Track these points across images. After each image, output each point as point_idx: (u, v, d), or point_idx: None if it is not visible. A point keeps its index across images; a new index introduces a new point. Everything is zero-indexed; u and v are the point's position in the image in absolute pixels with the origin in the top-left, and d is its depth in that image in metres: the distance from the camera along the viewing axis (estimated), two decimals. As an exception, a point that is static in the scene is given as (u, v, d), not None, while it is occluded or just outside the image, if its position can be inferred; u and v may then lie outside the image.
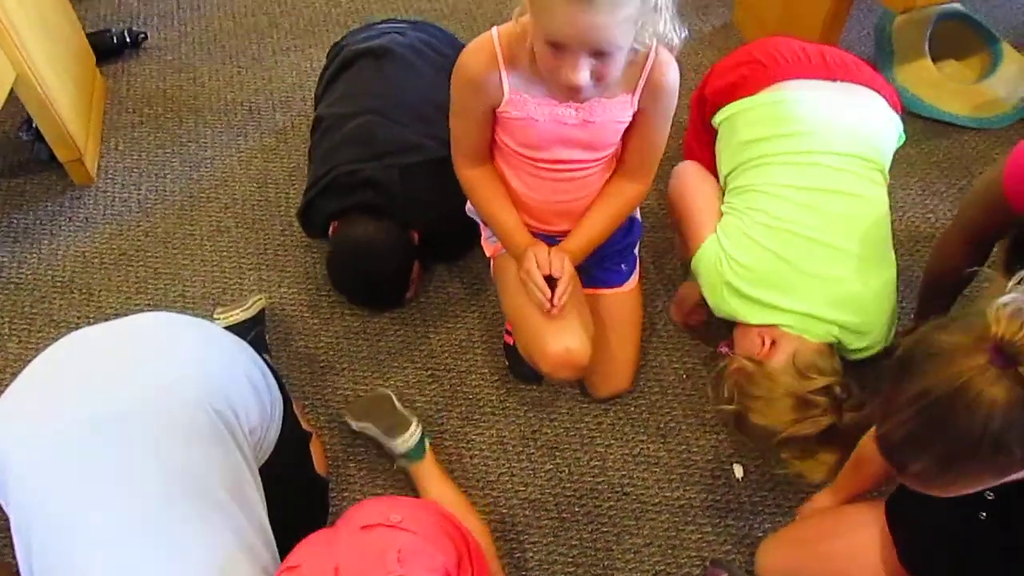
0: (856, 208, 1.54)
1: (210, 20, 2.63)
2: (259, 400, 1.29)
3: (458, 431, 1.68)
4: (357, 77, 1.93)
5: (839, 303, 1.50)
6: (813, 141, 1.56)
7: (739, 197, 1.60)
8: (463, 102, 1.41)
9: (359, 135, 1.79)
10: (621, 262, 1.69)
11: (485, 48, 1.34)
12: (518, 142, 1.42)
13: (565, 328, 1.50)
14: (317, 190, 1.77)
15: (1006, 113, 2.28)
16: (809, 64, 1.66)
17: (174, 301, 1.89)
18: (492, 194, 1.51)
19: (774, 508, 1.58)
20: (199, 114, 2.33)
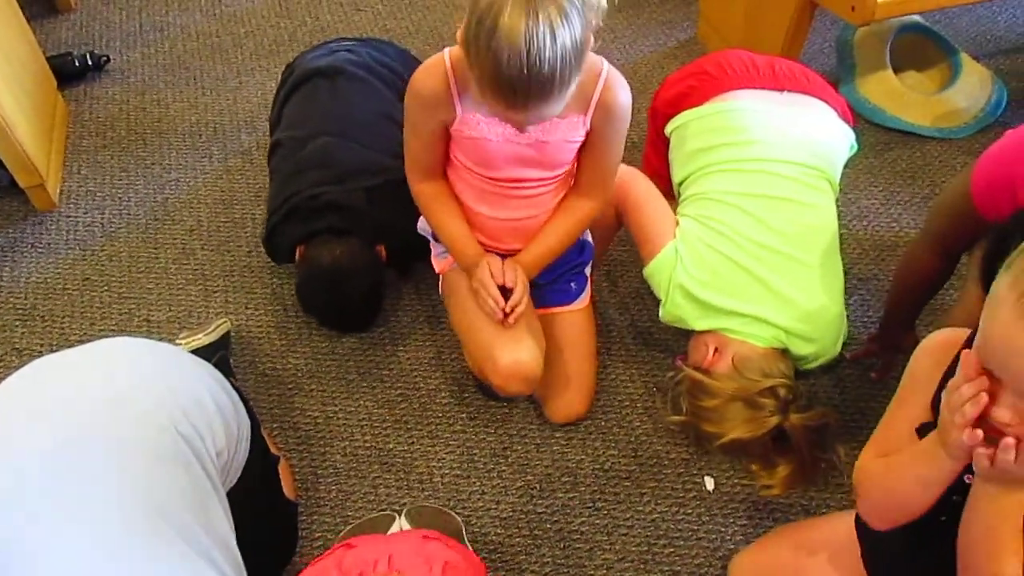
0: (804, 216, 1.57)
1: (173, 42, 2.61)
2: (225, 423, 1.27)
3: (428, 450, 1.67)
4: (311, 98, 1.90)
5: (786, 308, 1.52)
6: (760, 149, 1.59)
7: (692, 205, 1.62)
8: (416, 120, 1.42)
9: (319, 158, 1.77)
10: (571, 281, 1.69)
11: (437, 68, 1.34)
12: (472, 160, 1.43)
13: (515, 340, 1.50)
14: (280, 216, 1.75)
15: (967, 123, 2.31)
16: (758, 75, 1.68)
17: (139, 326, 1.87)
18: (444, 207, 1.52)
19: (745, 520, 1.57)
20: (163, 136, 2.31)
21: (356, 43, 2.08)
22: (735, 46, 2.25)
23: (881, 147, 2.26)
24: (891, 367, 1.75)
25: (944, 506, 1.01)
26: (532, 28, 1.11)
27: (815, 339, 1.53)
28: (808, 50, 2.48)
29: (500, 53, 1.12)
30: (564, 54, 1.14)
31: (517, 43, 1.11)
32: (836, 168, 1.63)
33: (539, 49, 1.11)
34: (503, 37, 1.11)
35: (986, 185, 1.31)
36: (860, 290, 1.93)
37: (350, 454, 1.66)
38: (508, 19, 1.11)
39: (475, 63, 1.19)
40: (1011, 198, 1.25)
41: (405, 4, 2.75)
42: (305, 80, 1.93)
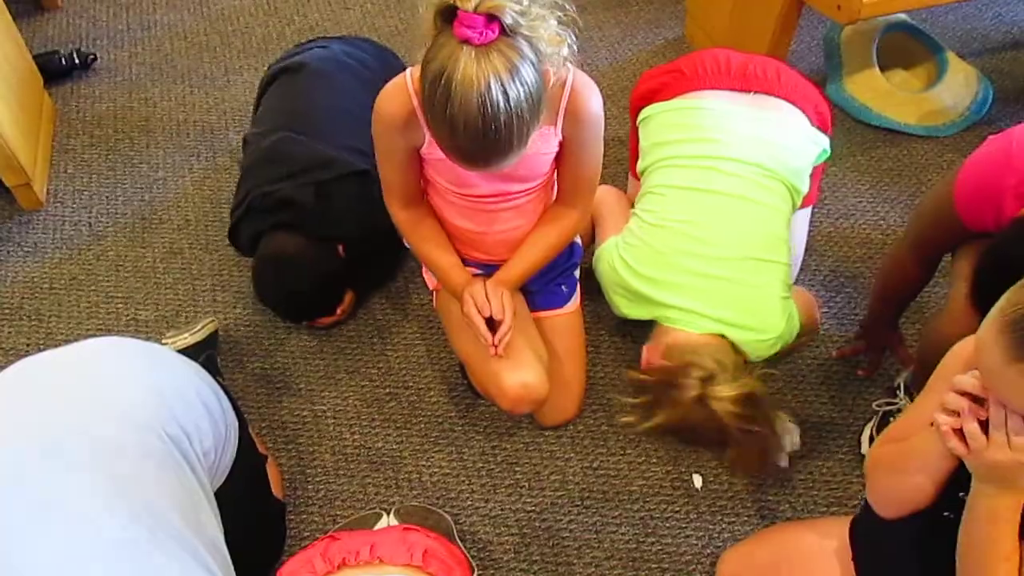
0: (747, 212, 1.59)
1: (161, 40, 2.60)
2: (213, 423, 1.27)
3: (417, 448, 1.67)
4: (274, 95, 1.94)
5: (717, 300, 1.54)
6: (712, 147, 1.62)
7: (642, 200, 1.67)
8: (385, 146, 1.40)
9: (272, 155, 1.79)
10: (561, 284, 1.69)
11: (400, 92, 1.31)
12: (447, 180, 1.42)
13: (519, 363, 1.50)
14: (240, 212, 1.77)
15: (954, 121, 2.33)
16: (728, 76, 1.70)
17: (126, 325, 1.86)
18: (427, 235, 1.51)
19: (733, 517, 1.58)
20: (151, 135, 2.30)
21: (333, 40, 2.09)
22: (722, 45, 2.26)
23: (868, 145, 2.27)
24: (878, 364, 1.77)
25: (950, 503, 1.02)
26: (485, 93, 1.09)
27: (755, 328, 1.55)
28: (796, 48, 2.49)
29: (455, 121, 1.11)
30: (519, 112, 1.12)
31: (471, 110, 1.10)
32: (794, 170, 1.65)
33: (494, 114, 1.10)
34: (456, 104, 1.10)
35: (970, 196, 1.30)
36: (847, 288, 1.94)
37: (338, 453, 1.66)
38: (460, 86, 1.09)
39: (432, 127, 1.19)
40: (995, 211, 1.25)
41: (393, 2, 2.74)
42: (274, 78, 1.96)
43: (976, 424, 0.89)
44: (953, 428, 0.92)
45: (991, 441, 0.89)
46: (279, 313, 1.85)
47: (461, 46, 1.09)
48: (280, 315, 1.86)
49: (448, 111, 1.11)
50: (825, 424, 1.71)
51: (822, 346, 1.83)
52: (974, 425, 0.89)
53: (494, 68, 1.09)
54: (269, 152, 1.80)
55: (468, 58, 1.08)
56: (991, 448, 0.89)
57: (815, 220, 1.95)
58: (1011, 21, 2.68)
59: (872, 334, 1.73)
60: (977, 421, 0.91)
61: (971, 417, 0.89)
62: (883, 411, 1.68)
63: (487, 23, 1.08)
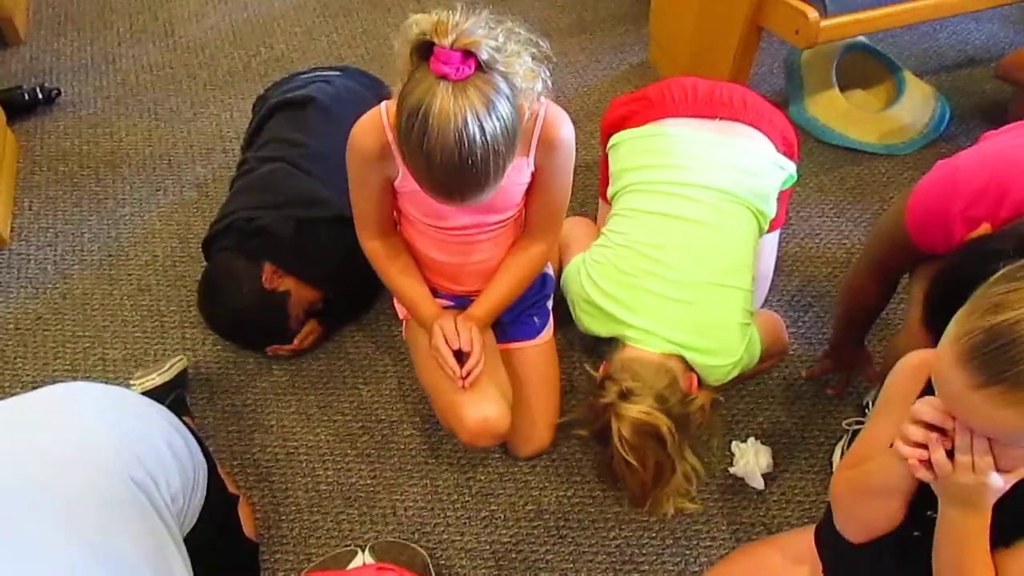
0: (705, 236, 1.61)
1: (126, 74, 2.59)
2: (180, 467, 1.25)
3: (391, 483, 1.66)
4: (280, 126, 1.95)
5: (676, 322, 1.56)
6: (677, 173, 1.65)
7: (610, 220, 1.70)
8: (359, 178, 1.41)
9: (265, 182, 1.81)
10: (534, 315, 1.70)
11: (374, 125, 1.32)
12: (421, 212, 1.43)
13: (481, 396, 1.50)
14: (219, 228, 1.79)
15: (913, 139, 2.37)
16: (695, 103, 1.73)
17: (94, 365, 1.84)
18: (399, 266, 1.52)
19: (709, 541, 1.59)
20: (117, 170, 2.29)
21: (335, 73, 2.10)
22: (685, 70, 2.30)
23: (830, 165, 2.31)
24: (847, 383, 1.79)
25: (918, 522, 1.03)
26: (462, 128, 1.10)
27: (713, 352, 1.57)
28: (758, 71, 2.53)
29: (432, 155, 1.12)
30: (496, 146, 1.13)
31: (448, 145, 1.11)
32: (760, 195, 1.67)
33: (470, 149, 1.11)
34: (433, 139, 1.11)
35: (921, 222, 1.33)
36: (815, 307, 1.96)
37: (312, 490, 1.65)
38: (437, 121, 1.10)
39: (408, 161, 1.20)
40: (945, 235, 1.28)
41: (360, 32, 2.76)
42: (278, 109, 1.97)
43: (943, 453, 0.90)
44: (920, 459, 0.93)
45: (957, 465, 0.90)
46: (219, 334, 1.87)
47: (438, 81, 1.10)
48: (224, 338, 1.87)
49: (425, 146, 1.12)
50: (797, 443, 1.73)
51: (791, 366, 1.85)
52: (941, 454, 0.90)
53: (471, 103, 1.10)
54: (264, 178, 1.83)
55: (445, 93, 1.09)
56: (957, 472, 0.90)
57: (781, 240, 1.97)
58: (965, 40, 2.74)
59: (839, 353, 1.75)
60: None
61: (938, 447, 0.90)
62: (853, 429, 1.70)
63: (463, 59, 1.10)
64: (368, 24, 2.79)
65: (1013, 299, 0.80)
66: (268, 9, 2.86)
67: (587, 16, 2.83)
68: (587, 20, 2.81)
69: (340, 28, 2.78)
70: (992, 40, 2.74)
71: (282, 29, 2.77)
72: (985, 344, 0.80)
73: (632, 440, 1.46)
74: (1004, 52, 2.56)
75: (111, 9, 2.85)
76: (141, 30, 2.77)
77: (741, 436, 1.72)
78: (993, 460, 0.88)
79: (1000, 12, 2.81)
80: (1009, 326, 0.79)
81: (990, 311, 0.81)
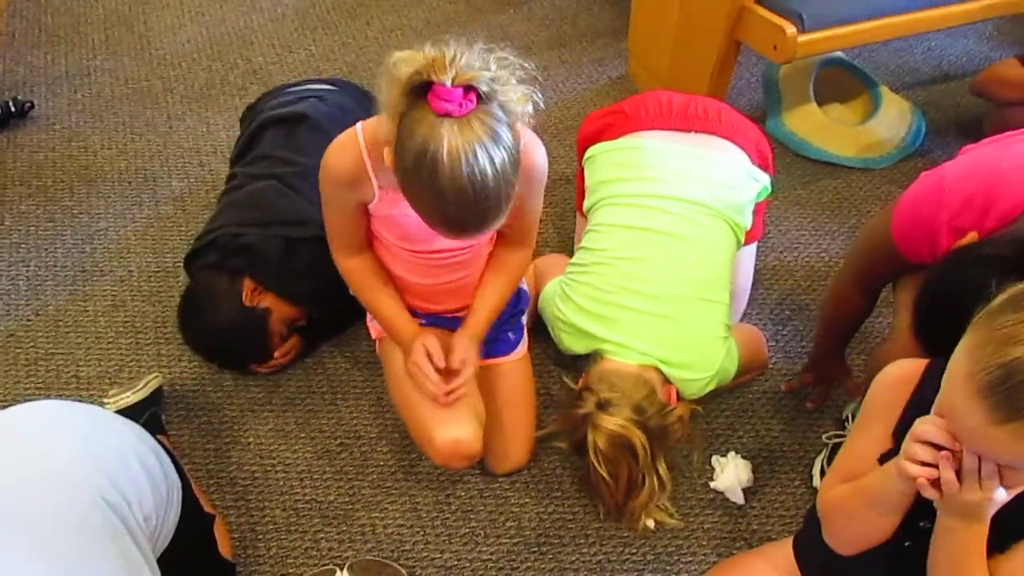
0: (682, 249, 1.61)
1: (101, 87, 2.56)
2: (154, 486, 1.24)
3: (370, 500, 1.64)
4: (270, 143, 1.92)
5: (654, 337, 1.56)
6: (652, 185, 1.65)
7: (586, 236, 1.71)
8: (333, 200, 1.39)
9: (254, 200, 1.79)
10: (508, 331, 1.69)
11: (350, 148, 1.30)
12: (395, 236, 1.42)
13: (453, 417, 1.49)
14: (203, 243, 1.77)
15: (890, 153, 2.39)
16: (670, 116, 1.74)
17: (67, 383, 1.81)
18: (373, 283, 1.50)
19: (689, 556, 1.58)
20: (91, 184, 2.26)
21: (327, 88, 2.08)
22: (664, 83, 2.31)
23: (808, 179, 2.32)
24: (826, 396, 1.79)
25: (909, 532, 1.04)
26: (473, 164, 1.08)
27: (690, 366, 1.57)
28: (736, 85, 2.54)
29: (445, 196, 1.10)
30: (505, 175, 1.12)
31: (462, 183, 1.09)
32: (735, 207, 1.68)
33: (483, 183, 1.10)
34: (446, 179, 1.08)
35: (906, 232, 1.35)
36: (794, 320, 1.97)
37: (290, 508, 1.63)
38: (448, 160, 1.07)
39: (417, 203, 1.18)
40: (931, 245, 1.29)
41: (338, 45, 2.75)
42: (269, 125, 1.94)
43: (952, 473, 0.90)
44: (928, 478, 0.92)
45: (964, 485, 0.90)
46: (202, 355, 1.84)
47: (441, 120, 1.08)
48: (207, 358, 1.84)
49: (436, 186, 1.10)
50: (777, 457, 1.73)
51: (771, 379, 1.85)
52: (951, 474, 0.90)
53: (477, 138, 1.08)
54: (253, 196, 1.81)
55: (451, 131, 1.07)
56: (964, 491, 0.90)
57: (760, 254, 1.98)
58: (940, 55, 2.77)
59: (819, 367, 1.76)
60: None
61: (948, 467, 0.90)
62: (833, 443, 1.70)
63: (465, 94, 1.08)
64: (347, 37, 2.79)
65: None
66: (246, 22, 2.85)
67: (567, 30, 2.83)
68: (567, 34, 2.82)
69: (319, 41, 2.77)
70: (967, 56, 2.77)
71: (260, 42, 2.76)
72: (1004, 380, 0.80)
73: (607, 452, 1.47)
74: (979, 67, 2.59)
75: (86, 22, 2.82)
76: (117, 43, 2.74)
77: (721, 451, 1.72)
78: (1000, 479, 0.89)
79: (975, 28, 2.85)
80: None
81: (1004, 344, 0.81)
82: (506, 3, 2.95)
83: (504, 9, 2.92)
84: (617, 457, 1.48)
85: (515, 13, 2.91)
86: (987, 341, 0.83)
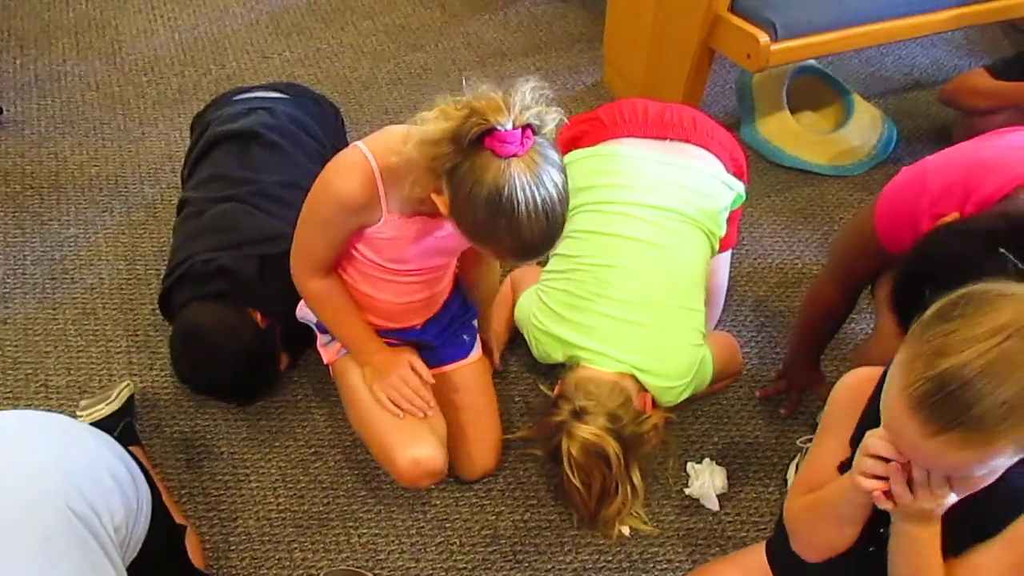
0: (657, 256, 1.62)
1: (71, 92, 2.53)
2: (123, 496, 1.22)
3: (345, 509, 1.63)
4: (223, 161, 1.86)
5: (629, 344, 1.57)
6: (627, 193, 1.66)
7: (562, 242, 1.68)
8: (329, 222, 1.36)
9: (219, 223, 1.74)
10: (463, 334, 1.69)
11: (362, 173, 1.28)
12: (385, 258, 1.41)
13: (413, 437, 1.49)
14: (173, 279, 1.71)
15: (861, 160, 2.42)
16: (645, 124, 1.75)
17: (36, 392, 1.78)
18: (341, 304, 1.49)
19: (665, 563, 1.58)
20: (61, 190, 2.23)
21: (277, 98, 2.04)
22: (639, 90, 2.32)
23: (781, 186, 2.34)
24: (799, 402, 1.80)
25: (872, 538, 1.04)
26: (547, 197, 1.14)
27: (664, 374, 1.58)
28: (710, 92, 2.56)
29: (524, 231, 1.15)
30: (566, 193, 1.19)
31: (539, 216, 1.14)
32: (710, 214, 1.69)
33: (553, 209, 1.16)
34: (524, 216, 1.13)
35: (889, 220, 1.37)
36: (768, 327, 1.98)
37: (263, 518, 1.61)
38: (526, 198, 1.12)
39: (489, 242, 1.21)
40: (912, 231, 1.31)
41: (312, 51, 2.74)
42: (220, 141, 1.89)
43: (903, 485, 0.90)
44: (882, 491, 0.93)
45: (917, 494, 0.91)
46: (200, 389, 1.75)
47: (508, 161, 1.12)
48: (203, 392, 1.76)
49: (514, 224, 1.14)
50: (751, 463, 1.73)
51: (745, 385, 1.86)
52: (902, 487, 0.91)
53: (542, 170, 1.14)
54: (218, 220, 1.74)
55: (519, 171, 1.13)
56: (917, 499, 0.91)
57: (734, 261, 2.00)
58: (911, 64, 2.81)
59: (793, 373, 1.77)
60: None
61: (899, 479, 0.91)
62: (806, 448, 1.71)
63: (523, 133, 1.13)
64: (322, 43, 2.78)
65: (953, 342, 0.80)
66: (219, 27, 2.83)
67: (542, 37, 2.84)
68: (542, 41, 2.82)
69: (293, 46, 2.75)
70: (937, 64, 2.81)
71: (233, 47, 2.74)
72: (934, 392, 0.80)
73: (580, 461, 1.48)
74: (949, 76, 2.63)
75: (56, 26, 2.79)
76: (87, 47, 2.71)
77: (696, 457, 1.72)
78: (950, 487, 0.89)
79: (944, 37, 2.89)
80: (955, 371, 0.79)
81: (933, 357, 0.81)
82: (482, 9, 2.95)
83: (480, 15, 2.93)
84: (590, 466, 1.48)
85: (491, 19, 2.91)
86: (917, 354, 0.83)
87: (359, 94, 2.57)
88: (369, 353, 1.51)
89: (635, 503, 1.57)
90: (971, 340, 0.79)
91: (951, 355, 0.79)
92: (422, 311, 1.56)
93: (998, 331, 0.78)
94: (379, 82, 2.62)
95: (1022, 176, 1.23)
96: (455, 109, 1.15)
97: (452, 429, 1.59)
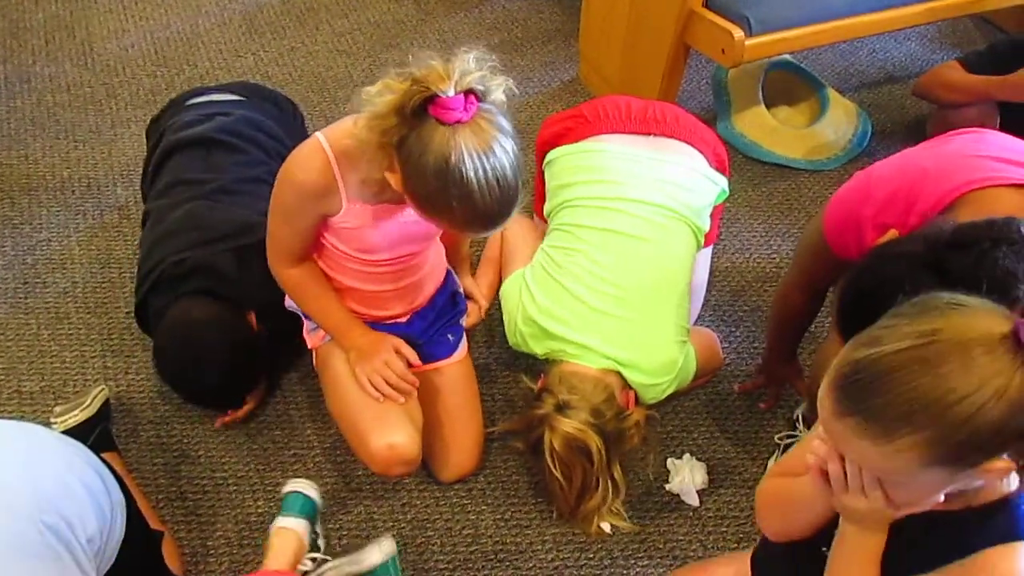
0: (644, 251, 1.63)
1: (42, 93, 2.50)
2: (97, 506, 1.21)
3: (324, 511, 1.62)
4: (182, 167, 1.82)
5: (614, 338, 1.57)
6: (614, 188, 1.66)
7: (549, 236, 1.71)
8: (292, 211, 1.36)
9: (187, 222, 1.69)
10: (448, 333, 1.68)
11: (318, 160, 1.29)
12: (354, 248, 1.40)
13: (389, 423, 1.47)
14: (148, 285, 1.66)
15: (837, 155, 2.43)
16: (629, 120, 1.75)
17: (9, 399, 1.76)
18: (318, 291, 1.48)
19: (646, 560, 1.58)
20: (32, 193, 2.20)
21: (233, 101, 2.00)
22: (615, 87, 2.32)
23: (758, 181, 2.35)
24: (778, 397, 1.81)
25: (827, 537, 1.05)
26: (495, 162, 1.13)
27: (648, 371, 1.58)
28: (686, 87, 2.56)
29: (475, 199, 1.14)
30: (518, 161, 1.17)
31: (489, 182, 1.13)
32: (695, 209, 1.70)
33: (504, 174, 1.14)
34: (474, 183, 1.12)
35: (835, 226, 1.39)
36: (746, 322, 1.99)
37: (242, 522, 1.60)
38: (473, 164, 1.12)
39: (443, 215, 1.20)
40: (857, 238, 1.32)
41: (287, 50, 2.71)
42: (177, 149, 1.85)
43: (838, 466, 0.91)
44: (821, 469, 0.94)
45: (849, 489, 0.91)
46: (186, 396, 1.71)
47: (453, 129, 1.11)
48: (187, 398, 1.72)
49: (465, 193, 1.13)
50: (731, 459, 1.74)
51: (725, 381, 1.87)
52: (836, 467, 0.91)
53: (491, 136, 1.13)
54: (182, 221, 1.70)
55: (466, 138, 1.12)
56: (850, 495, 0.92)
57: (712, 256, 2.00)
58: (885, 58, 2.82)
59: (771, 368, 1.78)
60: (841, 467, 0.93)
61: (834, 459, 0.91)
62: (785, 444, 1.72)
63: (466, 99, 1.12)
64: (295, 42, 2.75)
65: (885, 335, 0.81)
66: (192, 26, 2.80)
67: (517, 33, 2.83)
68: (517, 38, 2.81)
69: (267, 46, 2.73)
70: (910, 58, 2.83)
71: (206, 46, 2.71)
72: (849, 375, 0.81)
73: (562, 454, 1.48)
74: (922, 70, 2.64)
75: (25, 27, 2.75)
76: (58, 48, 2.67)
77: (676, 453, 1.73)
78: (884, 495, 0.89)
79: (918, 31, 2.91)
80: (873, 360, 0.80)
81: (862, 345, 0.82)
82: (457, 7, 2.94)
83: (455, 13, 2.91)
84: (572, 459, 1.49)
85: (466, 16, 2.90)
86: (856, 340, 0.84)
87: (334, 93, 2.55)
88: (353, 337, 1.50)
89: (615, 500, 1.57)
90: (900, 336, 0.79)
91: (877, 345, 0.80)
92: (401, 299, 1.55)
93: (927, 334, 0.78)
94: (354, 80, 2.60)
95: (961, 187, 1.24)
96: (398, 83, 1.14)
97: (432, 428, 1.59)
